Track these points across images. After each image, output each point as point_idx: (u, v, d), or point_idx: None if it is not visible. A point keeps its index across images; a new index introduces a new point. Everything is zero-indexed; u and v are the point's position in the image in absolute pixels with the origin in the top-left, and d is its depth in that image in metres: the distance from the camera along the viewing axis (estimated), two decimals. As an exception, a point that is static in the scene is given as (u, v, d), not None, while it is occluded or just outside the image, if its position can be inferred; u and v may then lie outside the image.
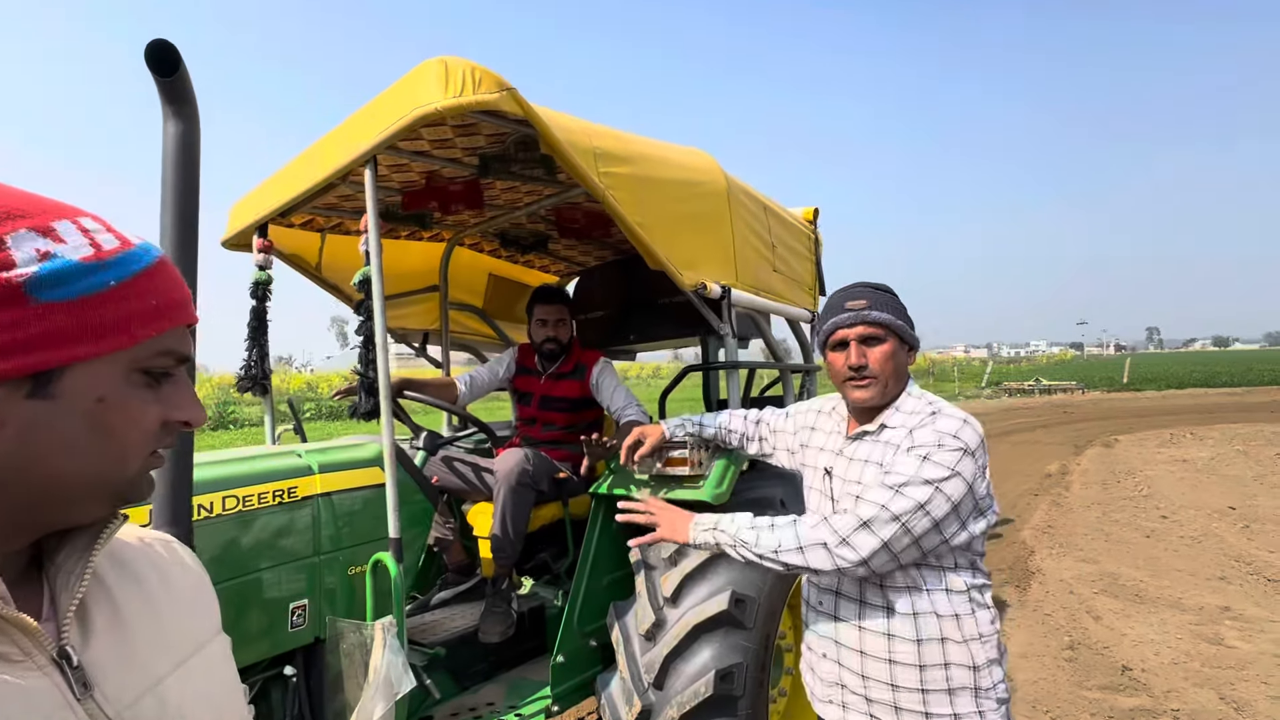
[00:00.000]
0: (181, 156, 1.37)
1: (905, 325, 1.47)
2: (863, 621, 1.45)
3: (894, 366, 1.45)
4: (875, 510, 1.31)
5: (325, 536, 1.79)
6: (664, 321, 3.43)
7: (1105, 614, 4.53)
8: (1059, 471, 9.76)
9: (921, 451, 1.34)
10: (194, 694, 0.59)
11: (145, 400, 0.53)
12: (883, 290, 1.51)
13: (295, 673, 1.72)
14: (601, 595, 2.32)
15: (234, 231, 2.59)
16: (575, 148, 1.79)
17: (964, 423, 1.40)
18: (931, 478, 1.30)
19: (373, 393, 1.81)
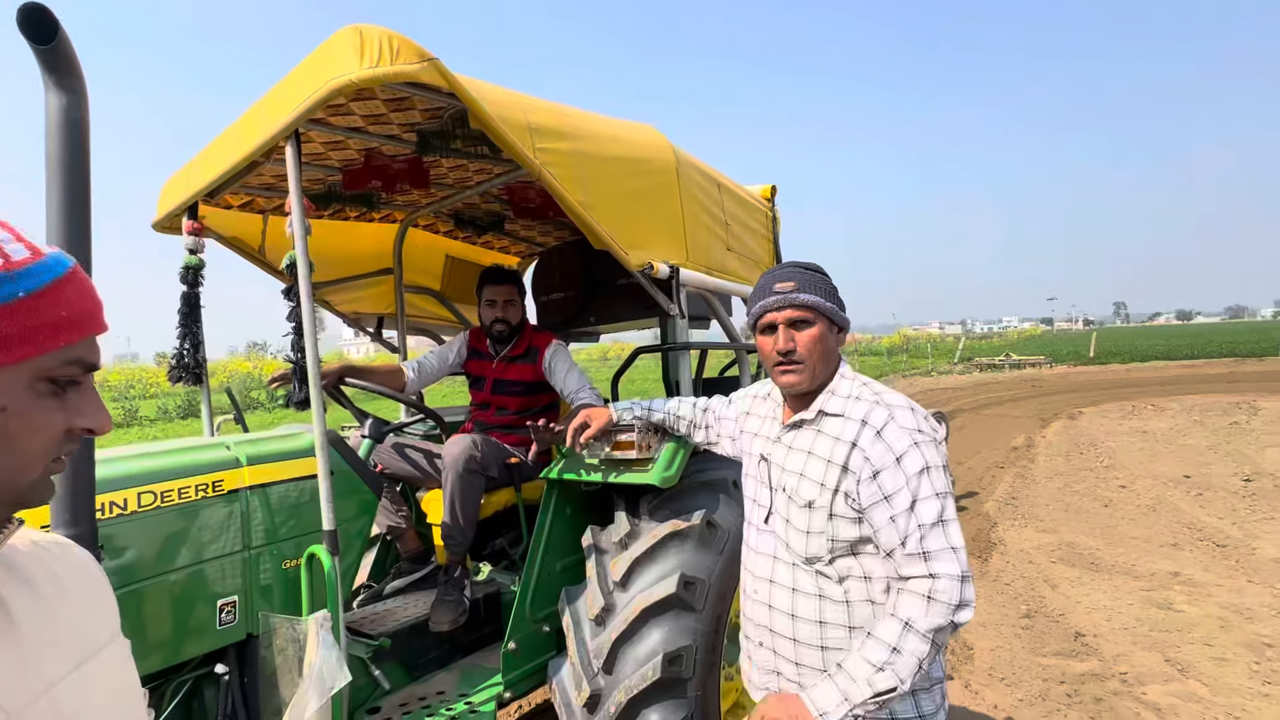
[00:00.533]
0: (67, 133, 1.28)
1: (835, 307, 1.44)
2: (796, 609, 1.44)
3: (822, 350, 1.42)
4: (949, 559, 1.28)
5: (256, 530, 1.73)
6: (624, 303, 3.38)
7: (1061, 582, 4.66)
8: (1025, 444, 9.99)
9: (911, 463, 1.31)
10: (92, 697, 0.59)
11: (49, 409, 0.54)
12: (813, 271, 1.48)
13: (227, 671, 1.67)
14: (554, 581, 2.30)
15: (163, 213, 2.46)
16: (508, 122, 1.71)
17: (912, 411, 1.38)
18: (941, 489, 1.31)
19: (306, 380, 1.74)
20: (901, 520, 1.31)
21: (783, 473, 1.49)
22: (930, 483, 1.31)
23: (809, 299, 1.40)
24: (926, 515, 1.30)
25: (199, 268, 2.35)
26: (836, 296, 1.46)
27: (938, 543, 1.29)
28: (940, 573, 1.28)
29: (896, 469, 1.32)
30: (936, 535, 1.29)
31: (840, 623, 1.40)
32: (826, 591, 1.41)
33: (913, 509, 1.30)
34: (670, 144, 2.36)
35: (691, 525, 2.09)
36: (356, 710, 2.04)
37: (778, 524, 1.50)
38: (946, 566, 1.28)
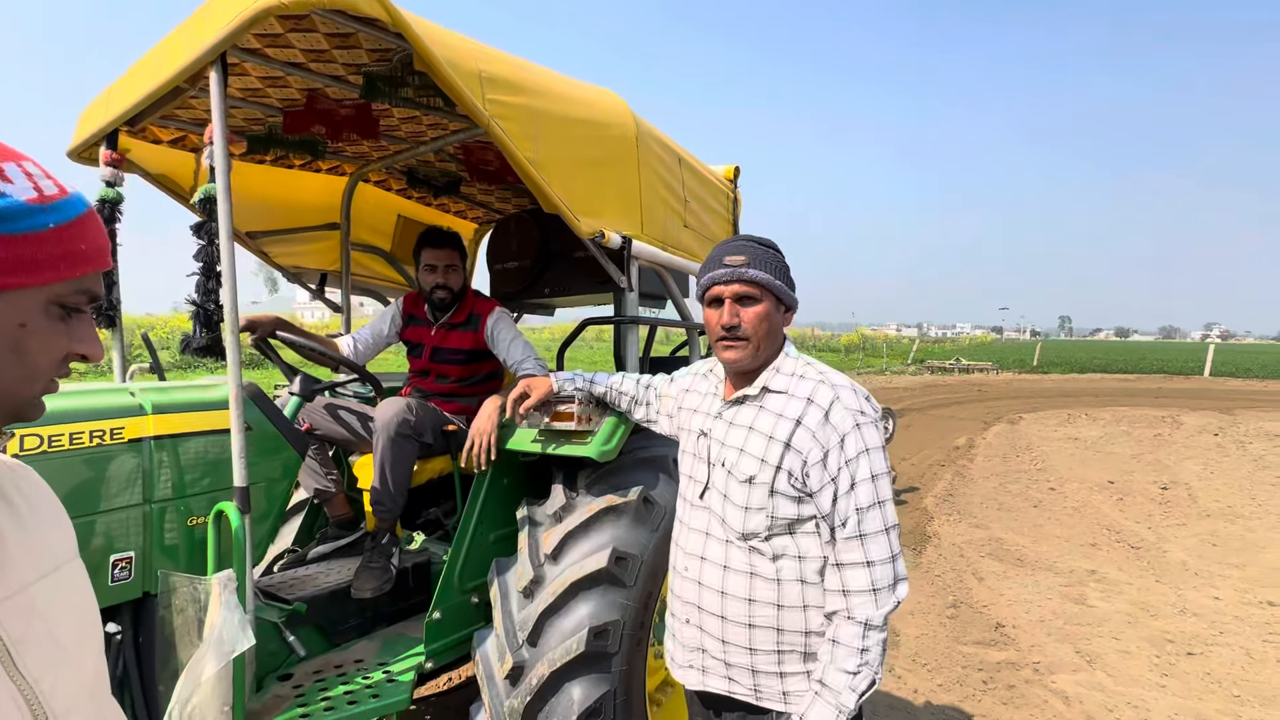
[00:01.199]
0: None
1: (784, 286, 1.42)
2: (726, 586, 1.43)
3: (768, 328, 1.41)
4: (882, 542, 1.30)
5: (160, 484, 1.62)
6: (579, 276, 3.30)
7: (988, 576, 4.85)
8: (966, 445, 10.36)
9: (852, 444, 1.32)
10: (59, 602, 0.65)
11: (58, 331, 0.60)
12: (766, 246, 1.45)
13: (120, 630, 1.56)
14: (486, 552, 2.25)
15: (79, 140, 2.27)
16: (457, 68, 1.62)
17: (854, 392, 1.38)
18: (879, 470, 1.32)
19: (210, 326, 1.63)
20: (842, 502, 1.32)
21: (722, 448, 1.47)
22: (869, 464, 1.32)
23: (757, 275, 1.38)
24: (864, 497, 1.31)
25: (116, 201, 2.18)
26: (787, 275, 1.44)
27: (873, 524, 1.31)
28: (876, 558, 1.30)
29: (839, 450, 1.32)
30: (873, 517, 1.31)
31: (769, 600, 1.39)
32: (758, 569, 1.40)
33: (852, 490, 1.31)
34: (631, 111, 2.29)
35: (627, 501, 2.06)
36: (267, 676, 1.96)
37: (714, 499, 1.48)
38: (880, 549, 1.30)
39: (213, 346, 1.63)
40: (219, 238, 1.61)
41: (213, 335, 1.61)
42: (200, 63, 1.59)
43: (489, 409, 2.14)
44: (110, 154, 2.16)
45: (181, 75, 1.68)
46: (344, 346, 2.56)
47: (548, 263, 3.45)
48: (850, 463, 1.31)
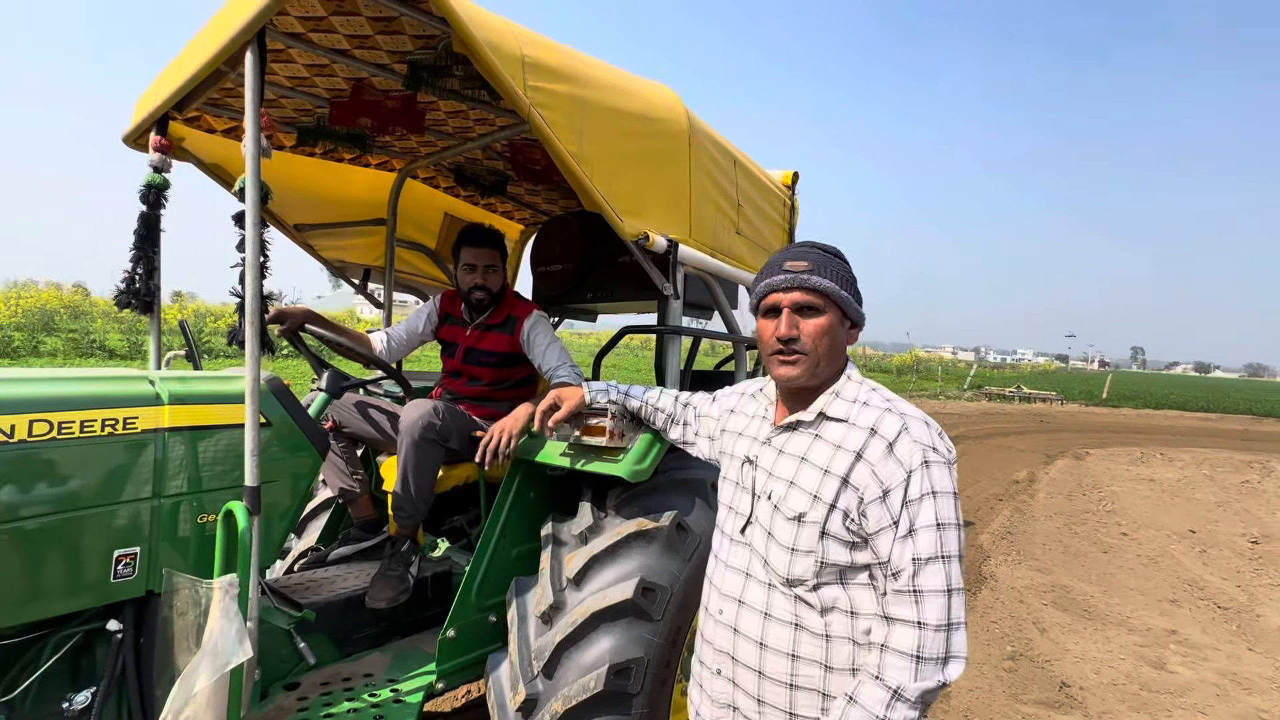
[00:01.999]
0: None
1: (850, 298, 1.25)
2: (766, 637, 1.25)
3: (829, 344, 1.24)
4: (939, 604, 1.10)
5: (171, 478, 1.55)
6: (624, 281, 3.17)
7: (1051, 627, 4.44)
8: (1027, 479, 9.72)
9: (917, 484, 1.13)
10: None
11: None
12: (832, 254, 1.28)
13: (121, 629, 1.50)
14: (507, 568, 2.12)
15: (133, 126, 2.27)
16: (498, 50, 1.50)
17: (927, 425, 1.20)
18: (946, 519, 1.12)
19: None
20: (897, 549, 1.13)
21: (770, 479, 1.30)
22: (934, 509, 1.12)
23: (821, 283, 1.21)
24: (925, 546, 1.11)
25: (162, 188, 2.16)
26: (854, 286, 1.27)
27: (932, 581, 1.10)
28: (928, 620, 1.09)
29: (902, 489, 1.13)
30: (933, 573, 1.10)
31: (815, 659, 1.20)
32: (804, 621, 1.22)
33: (911, 535, 1.12)
34: (685, 107, 2.14)
35: (659, 526, 1.90)
36: (273, 684, 1.87)
37: (756, 536, 1.31)
38: (935, 613, 1.09)
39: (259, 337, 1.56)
40: (246, 225, 1.54)
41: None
42: (237, 42, 1.52)
43: (520, 411, 2.02)
44: (159, 140, 2.15)
45: (220, 57, 1.62)
46: (377, 342, 2.49)
47: (591, 267, 3.33)
48: (912, 504, 1.12)
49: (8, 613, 1.34)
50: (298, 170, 2.96)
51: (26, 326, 17.63)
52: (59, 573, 1.39)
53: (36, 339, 16.30)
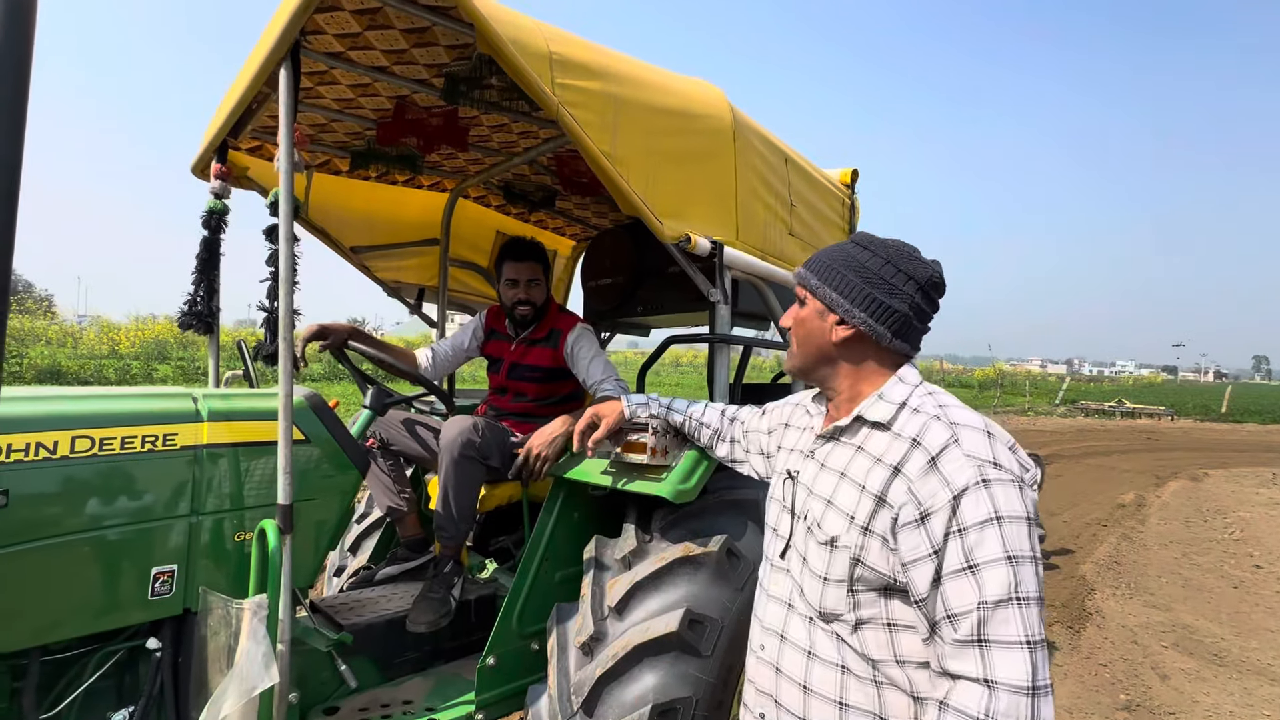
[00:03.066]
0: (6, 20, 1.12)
1: (825, 288, 1.13)
2: (809, 679, 1.08)
3: (802, 334, 1.17)
4: (1018, 659, 0.88)
5: (209, 495, 1.54)
6: (673, 292, 3.06)
7: (1174, 673, 3.88)
8: (1134, 503, 8.77)
9: (972, 507, 0.93)
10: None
11: None
12: (859, 245, 1.14)
13: (160, 646, 1.49)
14: (550, 593, 2.01)
15: (197, 156, 2.38)
16: (524, 49, 1.44)
17: (988, 435, 0.99)
18: (1018, 550, 0.91)
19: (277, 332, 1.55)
20: (952, 589, 0.92)
21: (809, 496, 1.15)
22: (1000, 539, 0.91)
23: (801, 272, 1.18)
24: (991, 587, 0.90)
25: (222, 213, 2.24)
26: (848, 280, 1.11)
27: (1005, 631, 0.89)
28: (1002, 680, 0.87)
29: (949, 514, 0.93)
30: (1004, 620, 0.89)
31: (868, 709, 1.03)
32: (850, 664, 1.04)
33: (972, 574, 0.91)
34: (729, 103, 2.02)
35: (707, 552, 1.74)
36: (313, 707, 1.83)
37: (794, 562, 1.16)
38: (1013, 670, 0.87)
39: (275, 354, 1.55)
40: (279, 239, 1.53)
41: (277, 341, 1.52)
42: (272, 60, 1.53)
43: (556, 424, 1.92)
44: (218, 167, 2.24)
45: (260, 78, 1.65)
46: (422, 359, 2.48)
47: (641, 279, 3.24)
48: (966, 533, 0.92)
49: (50, 629, 1.35)
50: (354, 194, 3.04)
51: (144, 356, 19.44)
52: (99, 589, 1.40)
53: (151, 367, 17.91)
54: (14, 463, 1.29)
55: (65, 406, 1.40)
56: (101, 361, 17.17)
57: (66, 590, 1.36)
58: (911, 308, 1.09)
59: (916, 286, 1.10)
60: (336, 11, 1.64)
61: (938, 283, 1.12)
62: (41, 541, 1.31)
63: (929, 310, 1.13)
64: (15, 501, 1.28)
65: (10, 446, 1.29)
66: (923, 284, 1.10)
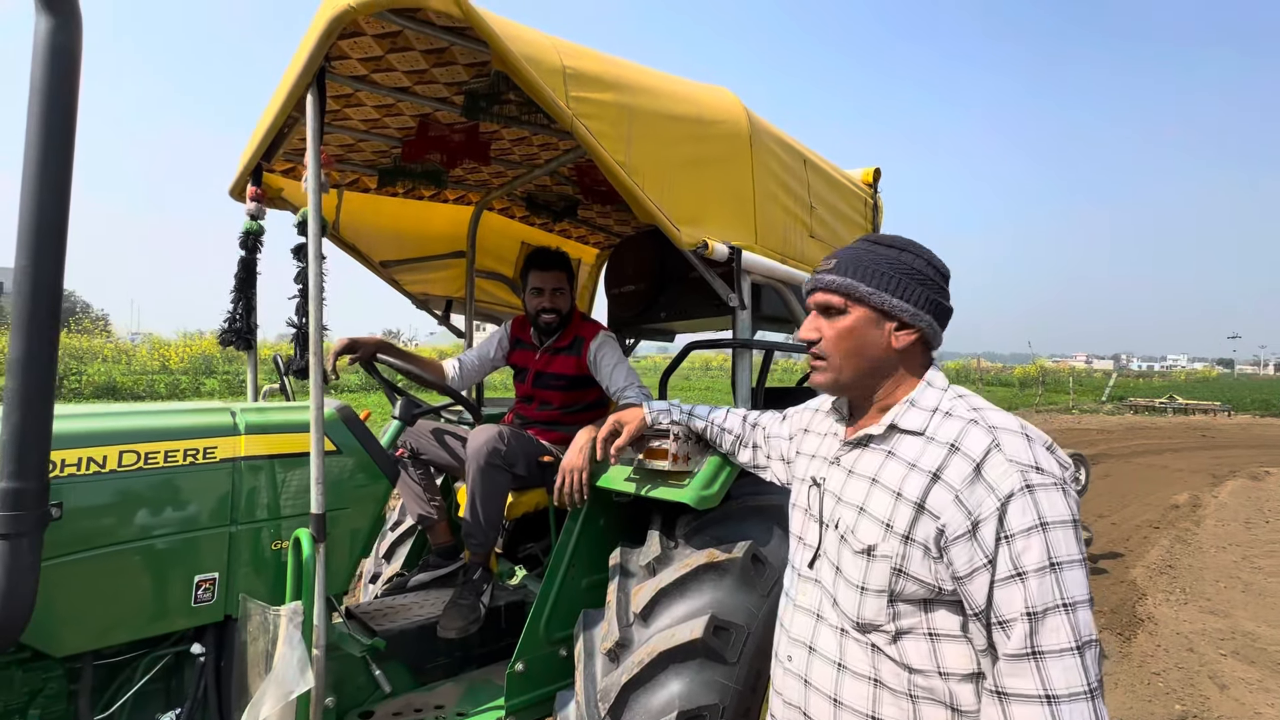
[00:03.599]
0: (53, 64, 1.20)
1: (878, 292, 1.08)
2: (840, 692, 1.07)
3: (852, 347, 1.10)
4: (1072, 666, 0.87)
5: (246, 505, 1.61)
6: (696, 297, 3.06)
7: (1234, 683, 3.69)
8: (1189, 503, 8.38)
9: (1017, 514, 0.91)
10: None
11: None
12: (882, 246, 1.12)
13: (204, 651, 1.55)
14: (577, 599, 2.03)
15: (234, 179, 2.49)
16: (538, 64, 1.47)
17: (1027, 439, 0.97)
18: (1064, 556, 0.90)
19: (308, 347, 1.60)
20: (1002, 597, 0.91)
21: (838, 504, 1.13)
22: (1046, 545, 0.90)
23: (835, 279, 1.09)
24: (1039, 594, 0.88)
25: (258, 234, 2.34)
26: (903, 282, 1.09)
27: (1057, 639, 0.87)
28: (1061, 690, 0.86)
29: (997, 521, 0.92)
30: (1056, 627, 0.88)
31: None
32: (884, 676, 1.03)
33: (1018, 580, 0.90)
34: (745, 108, 2.02)
35: (732, 558, 1.74)
36: (349, 711, 1.89)
37: (824, 571, 1.14)
38: (1068, 678, 0.86)
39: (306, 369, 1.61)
40: (309, 257, 1.59)
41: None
42: (299, 87, 1.60)
43: (581, 440, 1.94)
44: (254, 190, 2.33)
45: (289, 104, 1.72)
46: (449, 369, 2.53)
47: (663, 285, 3.24)
48: (1013, 539, 0.90)
49: (101, 634, 1.43)
50: (383, 211, 3.13)
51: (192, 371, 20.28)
52: (145, 596, 1.47)
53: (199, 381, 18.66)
54: (67, 477, 1.37)
55: (113, 423, 1.48)
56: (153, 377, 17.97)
57: (116, 597, 1.43)
58: (949, 303, 1.13)
59: (947, 280, 1.13)
60: (359, 37, 1.70)
61: (948, 275, 1.15)
62: (93, 551, 1.39)
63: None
64: (69, 513, 1.35)
65: (64, 461, 1.37)
66: (949, 277, 1.14)
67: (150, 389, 16.54)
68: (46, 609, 1.29)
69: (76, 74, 1.21)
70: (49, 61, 1.17)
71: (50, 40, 1.17)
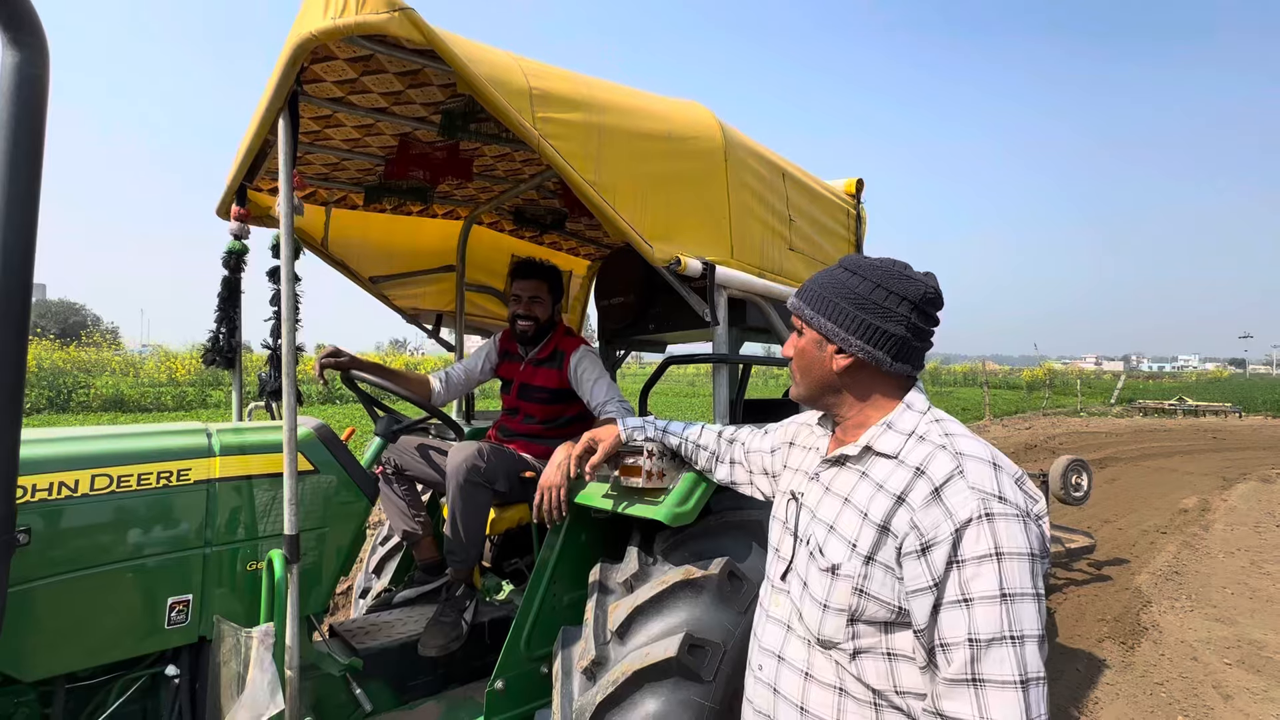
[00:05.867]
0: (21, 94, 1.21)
1: (820, 318, 1.11)
2: (806, 700, 1.08)
3: (802, 364, 1.17)
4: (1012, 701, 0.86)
5: (220, 526, 1.61)
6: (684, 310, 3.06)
7: (1239, 692, 3.63)
8: (1198, 507, 8.28)
9: (973, 541, 0.91)
10: None
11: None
12: (849, 271, 1.12)
13: (179, 673, 1.56)
14: (558, 616, 2.02)
15: (220, 199, 2.52)
16: (503, 86, 1.49)
17: (994, 467, 0.97)
18: (1016, 588, 0.89)
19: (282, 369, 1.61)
20: (946, 620, 0.91)
21: (812, 520, 1.15)
22: (998, 575, 0.89)
23: (792, 301, 1.17)
24: (984, 624, 0.88)
25: (241, 253, 2.36)
26: (841, 309, 1.09)
27: (999, 670, 0.87)
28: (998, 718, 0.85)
29: (950, 546, 0.92)
30: (999, 659, 0.87)
31: None
32: (848, 686, 1.04)
33: (965, 606, 0.90)
34: (719, 122, 2.03)
35: (708, 574, 1.73)
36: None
37: (795, 584, 1.15)
38: (1007, 712, 0.85)
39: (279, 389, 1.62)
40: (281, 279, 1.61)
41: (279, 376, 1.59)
42: (271, 112, 1.62)
43: (558, 458, 1.94)
44: (238, 210, 2.35)
45: (265, 127, 1.74)
46: (435, 382, 2.54)
47: (651, 297, 3.24)
48: (964, 564, 0.90)
49: (73, 658, 1.43)
50: (371, 227, 3.15)
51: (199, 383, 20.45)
52: (117, 619, 1.48)
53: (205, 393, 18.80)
54: (39, 501, 1.38)
55: (85, 447, 1.49)
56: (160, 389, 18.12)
57: (88, 621, 1.44)
58: (908, 328, 1.07)
59: (911, 306, 1.07)
60: (332, 61, 1.72)
61: (932, 298, 1.09)
62: (64, 575, 1.40)
63: (927, 328, 1.10)
64: (39, 538, 1.36)
65: (35, 486, 1.38)
66: (917, 302, 1.07)
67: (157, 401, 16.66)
68: (16, 634, 1.30)
69: (44, 104, 1.23)
70: (17, 93, 1.19)
71: (18, 72, 1.19)
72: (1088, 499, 5.95)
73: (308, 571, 1.73)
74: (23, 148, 1.19)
